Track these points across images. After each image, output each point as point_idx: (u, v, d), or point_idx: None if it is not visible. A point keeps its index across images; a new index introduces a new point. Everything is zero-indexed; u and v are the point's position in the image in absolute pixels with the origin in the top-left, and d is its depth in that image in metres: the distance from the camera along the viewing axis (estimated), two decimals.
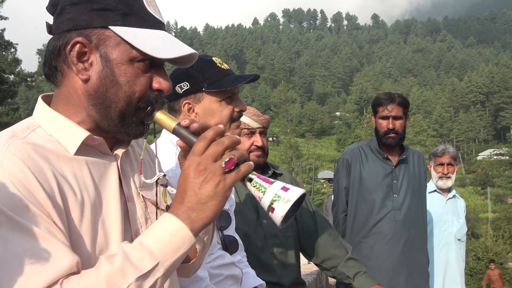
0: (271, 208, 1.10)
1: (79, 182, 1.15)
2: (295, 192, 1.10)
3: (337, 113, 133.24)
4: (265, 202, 1.11)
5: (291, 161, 76.36)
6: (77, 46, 1.16)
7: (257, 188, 1.13)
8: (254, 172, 1.15)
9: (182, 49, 1.20)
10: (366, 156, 3.73)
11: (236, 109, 1.97)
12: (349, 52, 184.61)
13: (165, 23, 1.28)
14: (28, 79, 26.26)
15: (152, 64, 1.21)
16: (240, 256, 2.13)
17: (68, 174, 1.14)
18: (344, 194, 3.74)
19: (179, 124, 1.18)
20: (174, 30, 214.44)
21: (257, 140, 2.75)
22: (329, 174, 76.60)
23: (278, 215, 1.10)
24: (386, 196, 3.62)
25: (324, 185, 75.46)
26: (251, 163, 1.14)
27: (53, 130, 1.18)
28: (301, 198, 1.12)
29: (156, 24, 1.22)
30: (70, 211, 1.11)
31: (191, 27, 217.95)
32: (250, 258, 2.64)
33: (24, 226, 1.01)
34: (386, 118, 3.65)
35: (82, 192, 1.14)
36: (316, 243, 2.93)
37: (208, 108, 1.94)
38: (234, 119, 1.96)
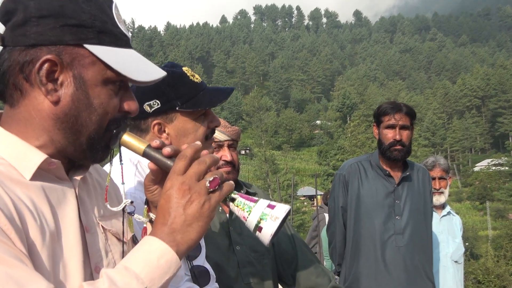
0: (258, 227, 1.18)
1: (37, 209, 1.15)
2: (282, 209, 1.19)
3: (318, 122, 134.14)
4: (251, 222, 1.19)
5: (266, 177, 76.52)
6: (47, 64, 1.16)
7: (241, 208, 1.20)
8: (235, 191, 1.23)
9: (157, 71, 1.27)
10: (365, 172, 3.76)
11: (211, 125, 1.99)
12: (329, 53, 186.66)
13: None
14: None
15: (121, 85, 1.25)
16: None
17: (24, 199, 1.14)
18: (341, 215, 3.77)
19: (149, 146, 1.23)
20: (131, 30, 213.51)
21: (225, 154, 2.75)
22: (310, 190, 76.97)
23: (267, 233, 1.18)
24: (388, 218, 3.65)
25: (305, 203, 75.75)
26: (232, 182, 1.20)
27: (6, 153, 1.19)
28: (287, 214, 1.21)
29: (127, 42, 1.27)
30: (31, 238, 1.11)
31: (150, 26, 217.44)
32: None
33: None
34: (392, 127, 3.69)
35: (40, 219, 1.15)
36: (296, 270, 2.93)
37: (182, 128, 1.95)
38: (208, 136, 1.99)
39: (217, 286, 2.24)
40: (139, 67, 1.25)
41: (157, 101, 1.94)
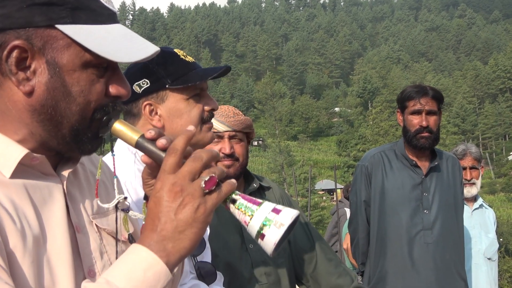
0: (260, 235, 1.12)
1: (18, 210, 1.13)
2: (289, 215, 1.12)
3: (336, 109, 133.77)
4: (253, 228, 1.13)
5: (282, 170, 76.52)
6: (16, 51, 1.13)
7: (242, 212, 1.14)
8: (237, 192, 1.16)
9: (146, 49, 1.20)
10: (390, 163, 3.76)
11: (207, 108, 2.01)
12: (348, 33, 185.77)
13: (117, 10, 1.26)
14: None
15: (107, 66, 1.20)
16: (219, 287, 2.16)
17: (3, 201, 1.11)
18: (364, 210, 3.78)
19: (142, 136, 1.18)
20: (132, 12, 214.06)
21: (224, 146, 2.75)
22: (329, 183, 76.90)
23: (270, 242, 1.11)
24: (415, 212, 3.64)
25: (324, 198, 75.74)
26: (234, 181, 1.15)
27: None
28: (295, 221, 1.14)
29: (109, 16, 1.21)
30: (10, 245, 1.08)
31: (153, 8, 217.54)
32: None
33: None
34: (418, 113, 3.67)
35: (22, 221, 1.12)
36: (315, 271, 2.94)
37: (174, 108, 1.98)
38: (205, 120, 2.01)
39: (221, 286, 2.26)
40: (123, 46, 1.18)
41: (146, 80, 1.96)
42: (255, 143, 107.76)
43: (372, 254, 3.71)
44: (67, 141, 1.20)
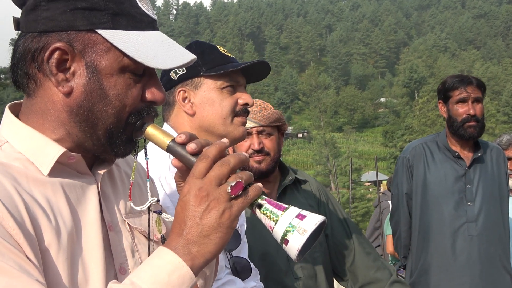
0: (284, 240, 1.12)
1: (53, 208, 1.16)
2: (313, 221, 1.12)
3: (382, 99, 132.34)
4: (277, 233, 1.14)
5: (327, 162, 76.26)
6: (57, 53, 1.16)
7: (267, 216, 1.15)
8: (264, 196, 1.17)
9: (182, 56, 1.23)
10: (432, 155, 3.73)
11: (240, 102, 2.02)
12: (393, 22, 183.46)
13: (156, 18, 1.29)
14: (1, 76, 26.63)
15: (144, 72, 1.23)
16: (254, 282, 2.17)
17: (40, 199, 1.15)
18: (405, 202, 3.75)
19: (173, 140, 1.20)
20: (176, 7, 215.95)
21: (253, 142, 2.77)
22: (375, 175, 76.10)
23: (293, 248, 1.12)
24: (458, 205, 3.61)
25: (370, 189, 75.16)
26: (260, 185, 1.16)
27: (23, 146, 1.20)
28: (321, 227, 1.15)
29: (149, 24, 1.24)
30: (45, 242, 1.12)
31: (196, 2, 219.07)
32: (272, 284, 2.64)
33: None
34: (464, 101, 3.63)
35: (57, 219, 1.15)
36: (353, 264, 2.93)
37: (206, 97, 1.99)
38: (237, 112, 2.01)
39: (261, 285, 2.28)
40: (160, 52, 1.20)
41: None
42: (300, 135, 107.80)
43: (414, 247, 3.68)
44: (101, 143, 1.22)
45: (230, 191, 1.10)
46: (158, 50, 1.20)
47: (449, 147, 3.69)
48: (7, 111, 1.26)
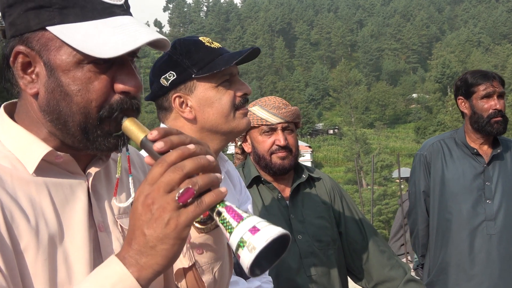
0: (237, 255, 1.02)
1: (36, 208, 1.14)
2: (265, 237, 0.99)
3: (414, 95, 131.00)
4: (232, 246, 1.03)
5: (358, 158, 75.84)
6: (20, 56, 1.17)
7: (224, 226, 1.05)
8: (226, 203, 1.06)
9: (135, 41, 1.14)
10: (449, 152, 3.69)
11: (239, 93, 1.98)
12: (425, 17, 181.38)
13: (122, 3, 1.22)
14: None
15: (113, 62, 1.18)
16: (260, 282, 2.15)
17: (21, 199, 1.14)
18: (423, 200, 3.72)
19: (145, 137, 1.12)
20: (206, 4, 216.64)
21: (279, 138, 2.76)
22: (407, 172, 75.46)
23: (243, 265, 1.01)
24: (477, 203, 3.57)
25: (402, 186, 74.55)
26: (223, 190, 1.06)
27: (13, 145, 1.20)
28: (279, 241, 1.02)
29: (105, 10, 1.18)
30: (22, 243, 1.10)
31: None
32: (283, 282, 2.65)
33: None
34: (490, 96, 3.58)
35: (37, 220, 1.13)
36: (367, 263, 2.92)
37: (204, 98, 1.95)
38: (238, 105, 1.97)
39: (269, 279, 2.28)
40: (112, 39, 1.13)
41: (172, 72, 1.94)
42: (331, 131, 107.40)
43: (432, 245, 3.66)
44: (79, 139, 1.19)
45: (177, 198, 1.01)
46: (110, 37, 1.14)
47: (468, 144, 3.64)
48: (0, 110, 1.27)
